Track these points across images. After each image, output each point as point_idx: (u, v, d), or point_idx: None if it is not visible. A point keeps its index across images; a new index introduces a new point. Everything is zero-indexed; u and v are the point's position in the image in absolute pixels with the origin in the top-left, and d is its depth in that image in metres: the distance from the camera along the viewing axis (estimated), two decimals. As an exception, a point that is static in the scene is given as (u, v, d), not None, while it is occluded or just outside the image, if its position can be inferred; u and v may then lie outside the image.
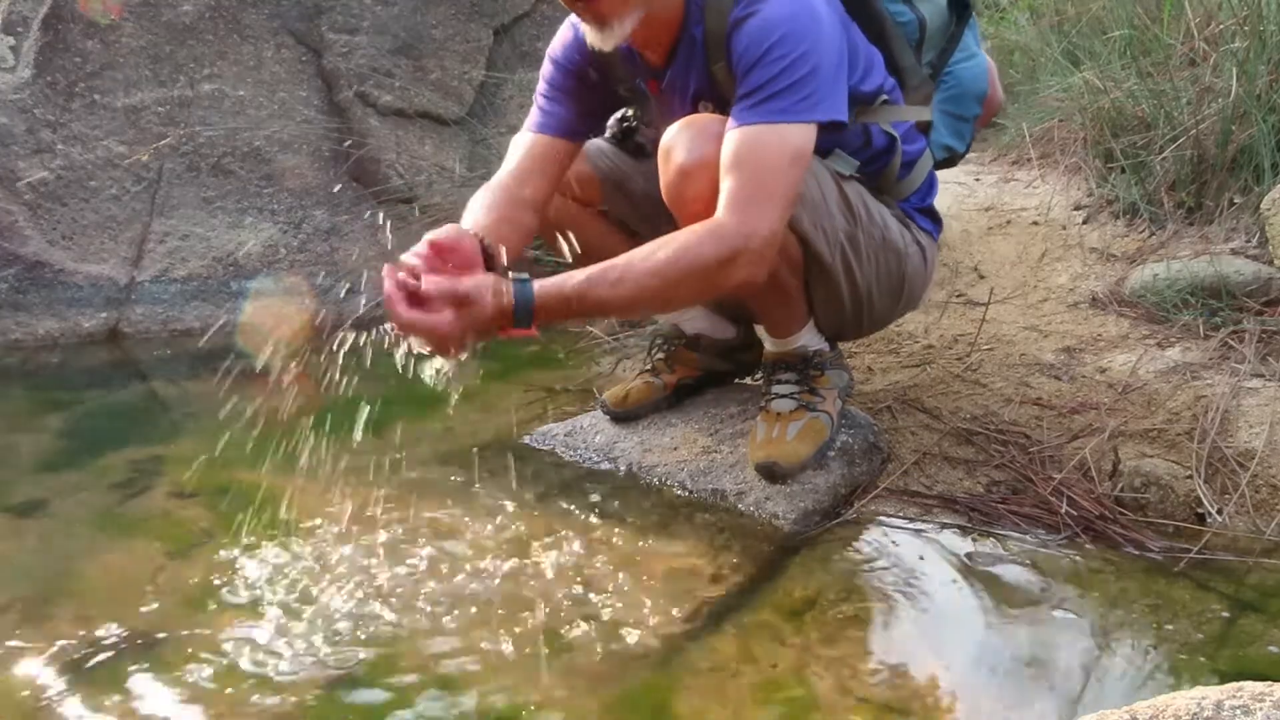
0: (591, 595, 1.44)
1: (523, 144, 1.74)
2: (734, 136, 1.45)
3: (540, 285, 1.38)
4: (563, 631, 1.35)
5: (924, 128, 1.78)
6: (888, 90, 1.67)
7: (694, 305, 1.53)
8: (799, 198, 1.49)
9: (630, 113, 1.87)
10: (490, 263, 1.48)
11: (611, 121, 1.90)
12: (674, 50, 1.60)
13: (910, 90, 1.72)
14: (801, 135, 1.45)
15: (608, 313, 1.52)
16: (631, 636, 1.34)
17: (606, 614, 1.39)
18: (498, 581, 1.48)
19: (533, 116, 1.76)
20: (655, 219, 1.83)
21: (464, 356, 1.41)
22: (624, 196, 1.87)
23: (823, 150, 1.66)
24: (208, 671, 1.26)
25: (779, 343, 1.79)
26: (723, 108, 1.61)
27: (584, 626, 1.36)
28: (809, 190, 1.57)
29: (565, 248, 1.62)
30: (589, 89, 1.74)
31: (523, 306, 1.37)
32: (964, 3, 1.83)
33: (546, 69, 1.76)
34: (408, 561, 1.54)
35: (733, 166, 1.43)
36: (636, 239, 1.90)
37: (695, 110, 1.63)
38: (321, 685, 1.23)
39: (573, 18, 1.71)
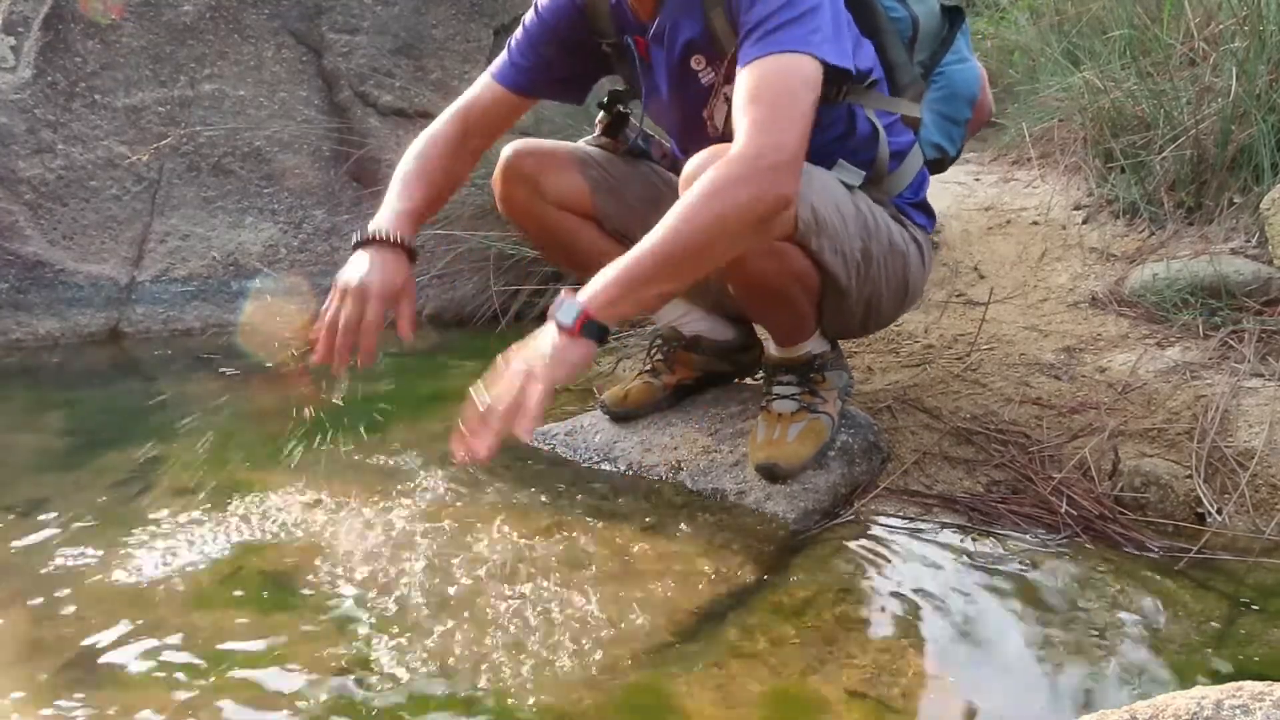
0: (591, 594, 1.44)
1: (482, 90, 1.75)
2: (744, 74, 1.42)
3: (582, 292, 1.31)
4: (562, 631, 1.35)
5: (912, 124, 1.77)
6: (877, 77, 1.66)
7: (734, 250, 1.41)
8: (811, 124, 1.42)
9: (620, 91, 1.85)
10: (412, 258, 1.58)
11: (600, 116, 1.89)
12: (663, 1, 1.58)
13: (901, 88, 1.72)
14: (810, 65, 1.41)
15: (660, 279, 1.37)
16: (631, 636, 1.34)
17: (606, 613, 1.39)
18: (497, 581, 1.48)
19: (500, 63, 1.75)
20: (650, 225, 1.83)
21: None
22: (618, 203, 1.85)
23: (827, 160, 1.64)
24: (208, 671, 1.26)
25: (785, 350, 1.79)
26: (714, 62, 1.58)
27: (583, 625, 1.36)
28: (828, 216, 1.54)
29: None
30: (566, 51, 1.71)
31: (571, 318, 1.28)
32: (956, 8, 1.83)
33: (529, 18, 1.73)
34: (407, 561, 1.54)
35: (748, 100, 1.39)
36: (630, 245, 1.91)
37: (686, 64, 1.61)
38: (321, 684, 1.23)
39: None
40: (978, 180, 3.40)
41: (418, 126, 3.49)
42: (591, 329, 1.28)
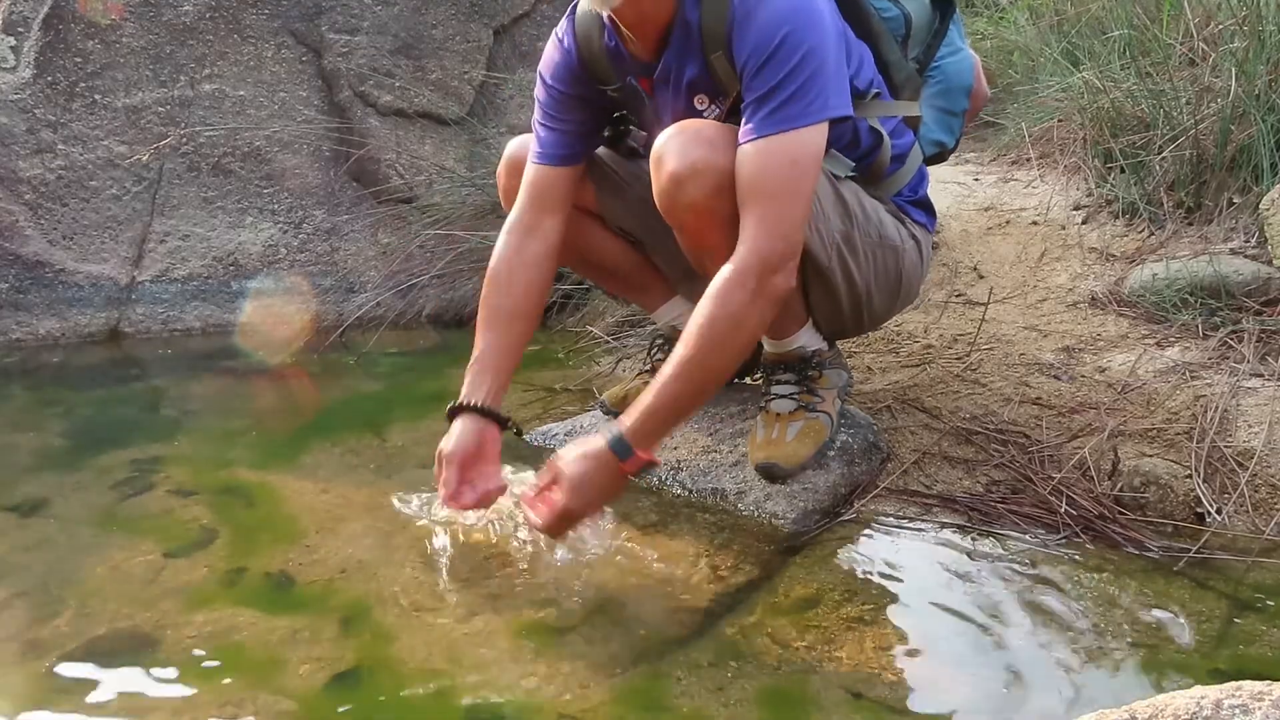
0: (590, 594, 1.45)
1: (530, 179, 1.73)
2: (751, 152, 1.43)
3: (622, 424, 1.44)
4: (562, 630, 1.35)
5: (912, 123, 1.78)
6: (877, 86, 1.67)
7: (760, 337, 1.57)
8: (814, 191, 1.48)
9: (621, 112, 1.86)
10: (503, 425, 1.64)
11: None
12: (665, 41, 1.58)
13: (898, 86, 1.72)
14: (816, 136, 1.44)
15: (693, 407, 1.54)
16: (631, 635, 1.34)
17: (606, 613, 1.40)
18: (496, 580, 1.48)
19: (534, 147, 1.74)
20: (651, 223, 1.82)
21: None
22: (619, 202, 1.85)
23: None
24: (207, 671, 1.27)
25: (777, 343, 1.79)
26: (717, 99, 1.59)
27: (583, 625, 1.36)
28: None
29: None
30: (583, 105, 1.71)
31: (624, 452, 1.43)
32: (947, 0, 1.83)
33: (539, 92, 1.73)
34: (404, 559, 1.54)
35: (753, 189, 1.43)
36: (634, 243, 1.91)
37: (690, 103, 1.62)
38: (321, 683, 1.24)
39: (557, 30, 1.70)
40: (977, 180, 3.40)
41: (418, 126, 3.54)
42: (638, 463, 1.44)
